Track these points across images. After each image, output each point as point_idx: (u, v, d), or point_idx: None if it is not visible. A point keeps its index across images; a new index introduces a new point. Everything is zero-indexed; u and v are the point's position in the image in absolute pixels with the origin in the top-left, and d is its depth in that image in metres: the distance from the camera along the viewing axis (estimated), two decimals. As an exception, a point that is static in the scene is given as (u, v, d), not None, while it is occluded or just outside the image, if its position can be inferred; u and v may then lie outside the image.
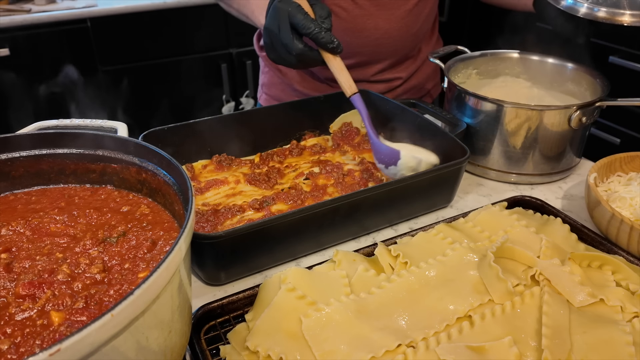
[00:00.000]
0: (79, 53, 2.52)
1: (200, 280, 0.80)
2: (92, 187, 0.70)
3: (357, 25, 1.19)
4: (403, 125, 1.09)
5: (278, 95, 1.39)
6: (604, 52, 2.23)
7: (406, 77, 1.34)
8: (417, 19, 1.24)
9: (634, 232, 0.79)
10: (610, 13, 0.91)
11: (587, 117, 0.99)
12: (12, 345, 0.45)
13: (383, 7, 1.19)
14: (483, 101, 1.03)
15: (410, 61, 1.33)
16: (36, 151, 0.68)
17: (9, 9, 2.37)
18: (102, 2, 2.54)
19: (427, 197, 0.94)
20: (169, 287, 0.47)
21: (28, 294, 0.52)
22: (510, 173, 1.06)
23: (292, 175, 1.00)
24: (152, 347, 0.47)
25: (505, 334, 0.64)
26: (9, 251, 0.58)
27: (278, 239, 0.80)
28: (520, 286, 0.72)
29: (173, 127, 0.99)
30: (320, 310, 0.66)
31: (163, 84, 2.73)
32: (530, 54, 1.21)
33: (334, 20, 1.17)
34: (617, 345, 0.63)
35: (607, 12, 0.91)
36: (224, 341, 0.67)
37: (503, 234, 0.81)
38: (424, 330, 0.65)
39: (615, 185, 0.95)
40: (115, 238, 0.60)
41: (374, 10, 1.19)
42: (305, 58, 0.90)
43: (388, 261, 0.77)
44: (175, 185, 0.61)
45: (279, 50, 0.92)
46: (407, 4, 1.21)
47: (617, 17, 0.90)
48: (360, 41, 1.21)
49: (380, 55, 1.25)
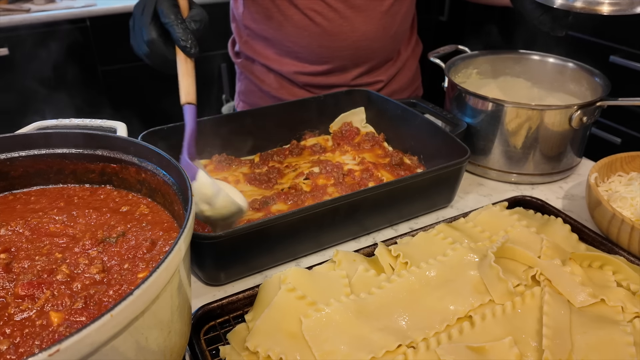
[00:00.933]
0: (78, 53, 2.52)
1: (200, 280, 0.80)
2: (91, 187, 0.70)
3: (334, 29, 1.17)
4: (403, 125, 1.09)
5: (256, 103, 1.35)
6: (605, 52, 2.23)
7: (387, 80, 1.32)
8: (394, 19, 1.22)
9: (634, 232, 0.79)
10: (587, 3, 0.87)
11: (588, 117, 0.99)
12: (12, 345, 0.45)
13: (358, 9, 1.17)
14: (483, 101, 1.02)
15: (390, 64, 1.31)
16: (35, 151, 0.67)
17: (8, 8, 2.37)
18: (102, 2, 2.54)
19: (428, 197, 0.94)
20: (168, 288, 0.47)
21: (27, 294, 0.51)
22: (510, 173, 1.06)
23: (292, 175, 1.00)
24: (152, 348, 0.47)
25: (505, 334, 0.64)
26: (8, 251, 0.58)
27: (278, 239, 0.80)
28: (521, 286, 0.72)
29: (173, 127, 0.99)
30: (320, 310, 0.66)
31: (163, 84, 2.72)
32: (531, 54, 1.21)
33: (310, 25, 1.15)
34: (617, 345, 0.63)
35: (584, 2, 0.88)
36: (224, 341, 0.67)
37: (504, 234, 0.81)
38: (424, 331, 0.65)
39: (616, 185, 0.95)
40: (114, 238, 0.60)
41: (350, 13, 1.17)
42: (157, 49, 0.81)
43: (388, 261, 0.77)
44: (174, 185, 0.61)
45: (137, 34, 0.83)
46: (383, 4, 1.18)
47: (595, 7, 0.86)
48: (338, 44, 1.19)
49: (359, 59, 1.24)
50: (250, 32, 1.25)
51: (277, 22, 1.18)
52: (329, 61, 1.22)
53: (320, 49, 1.19)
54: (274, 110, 1.11)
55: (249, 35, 1.26)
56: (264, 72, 1.29)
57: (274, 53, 1.24)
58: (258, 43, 1.25)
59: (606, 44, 2.24)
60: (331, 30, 1.17)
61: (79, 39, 2.50)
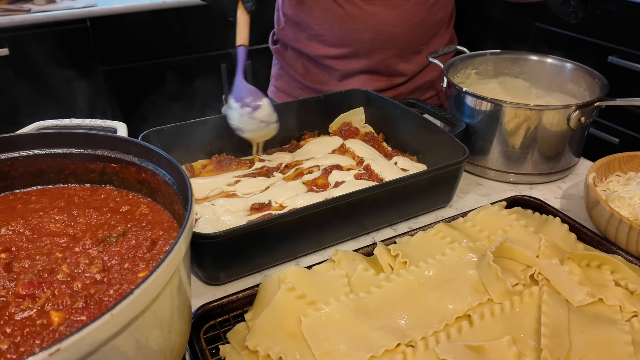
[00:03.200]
0: (78, 53, 2.52)
1: (200, 279, 0.80)
2: (91, 187, 0.70)
3: (355, 12, 1.21)
4: (403, 125, 1.09)
5: (283, 87, 1.43)
6: (603, 52, 2.23)
7: (411, 74, 1.32)
8: (419, 7, 1.22)
9: (632, 231, 0.79)
10: None
11: (586, 117, 1.00)
12: (12, 344, 0.46)
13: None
14: (482, 101, 1.03)
15: (417, 57, 1.31)
16: (36, 151, 0.68)
17: (8, 8, 2.37)
18: (102, 2, 2.54)
19: (427, 196, 0.94)
20: (168, 287, 0.47)
21: (28, 294, 0.52)
22: (509, 173, 1.07)
23: (292, 175, 1.00)
24: (152, 347, 0.47)
25: (504, 334, 0.64)
26: (8, 251, 0.58)
27: (277, 239, 0.80)
28: (519, 286, 0.72)
29: (173, 127, 0.99)
30: (320, 309, 0.66)
31: (163, 84, 2.73)
32: (529, 54, 1.21)
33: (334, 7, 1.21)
34: (616, 344, 0.63)
35: None
36: (224, 341, 0.68)
37: (502, 233, 0.81)
38: (423, 330, 0.65)
39: (614, 185, 0.95)
40: (114, 238, 0.60)
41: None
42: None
43: (387, 261, 0.77)
44: (174, 185, 0.62)
45: None
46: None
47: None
48: (358, 27, 1.22)
49: (379, 43, 1.25)
50: (286, 19, 1.33)
51: (307, 7, 1.25)
52: (349, 44, 1.25)
53: (341, 31, 1.23)
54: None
55: (286, 22, 1.34)
56: (293, 57, 1.36)
57: (304, 37, 1.31)
58: (292, 28, 1.32)
59: (604, 44, 2.24)
60: (352, 13, 1.21)
61: (79, 39, 2.50)
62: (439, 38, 1.33)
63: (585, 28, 2.28)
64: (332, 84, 1.33)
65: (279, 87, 1.44)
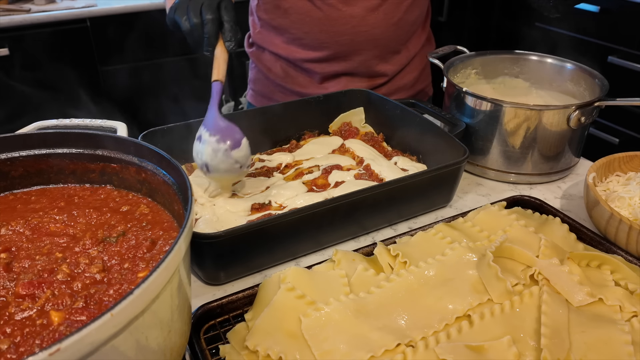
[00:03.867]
0: (78, 53, 2.52)
1: (200, 279, 0.80)
2: (91, 187, 0.70)
3: (334, 14, 1.19)
4: (403, 125, 1.09)
5: (263, 91, 1.39)
6: (603, 52, 2.23)
7: (391, 74, 1.32)
8: (397, 7, 1.22)
9: (632, 231, 0.79)
10: None
11: (586, 117, 1.00)
12: (12, 344, 0.46)
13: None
14: (482, 101, 1.03)
15: (397, 57, 1.31)
16: (36, 151, 0.68)
17: (8, 8, 2.37)
18: (102, 2, 2.54)
19: (426, 196, 0.94)
20: (168, 287, 0.48)
21: (28, 294, 0.52)
22: (509, 173, 1.07)
23: (292, 175, 1.00)
24: (152, 347, 0.47)
25: (504, 334, 0.64)
26: (8, 251, 0.58)
27: (277, 239, 0.80)
28: (519, 286, 0.72)
29: (173, 126, 0.99)
30: (320, 309, 0.66)
31: (163, 84, 2.73)
32: (529, 54, 1.21)
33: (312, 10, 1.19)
34: (615, 344, 0.63)
35: None
36: (224, 340, 0.68)
37: (502, 233, 0.81)
38: (423, 330, 0.65)
39: (614, 185, 0.95)
40: (114, 238, 0.60)
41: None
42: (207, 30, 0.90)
43: (387, 261, 0.78)
44: (174, 184, 0.62)
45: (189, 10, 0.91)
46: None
47: None
48: (337, 29, 1.20)
49: (359, 45, 1.24)
50: (262, 23, 1.31)
51: (283, 10, 1.23)
52: (329, 46, 1.23)
53: (321, 34, 1.22)
54: (273, 111, 1.11)
55: (262, 25, 1.31)
56: (271, 61, 1.33)
57: (282, 41, 1.28)
58: (269, 32, 1.30)
59: (604, 44, 2.24)
60: (331, 15, 1.20)
61: (79, 39, 2.50)
62: (417, 38, 1.34)
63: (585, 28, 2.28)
64: (312, 87, 1.31)
65: (258, 91, 1.41)
